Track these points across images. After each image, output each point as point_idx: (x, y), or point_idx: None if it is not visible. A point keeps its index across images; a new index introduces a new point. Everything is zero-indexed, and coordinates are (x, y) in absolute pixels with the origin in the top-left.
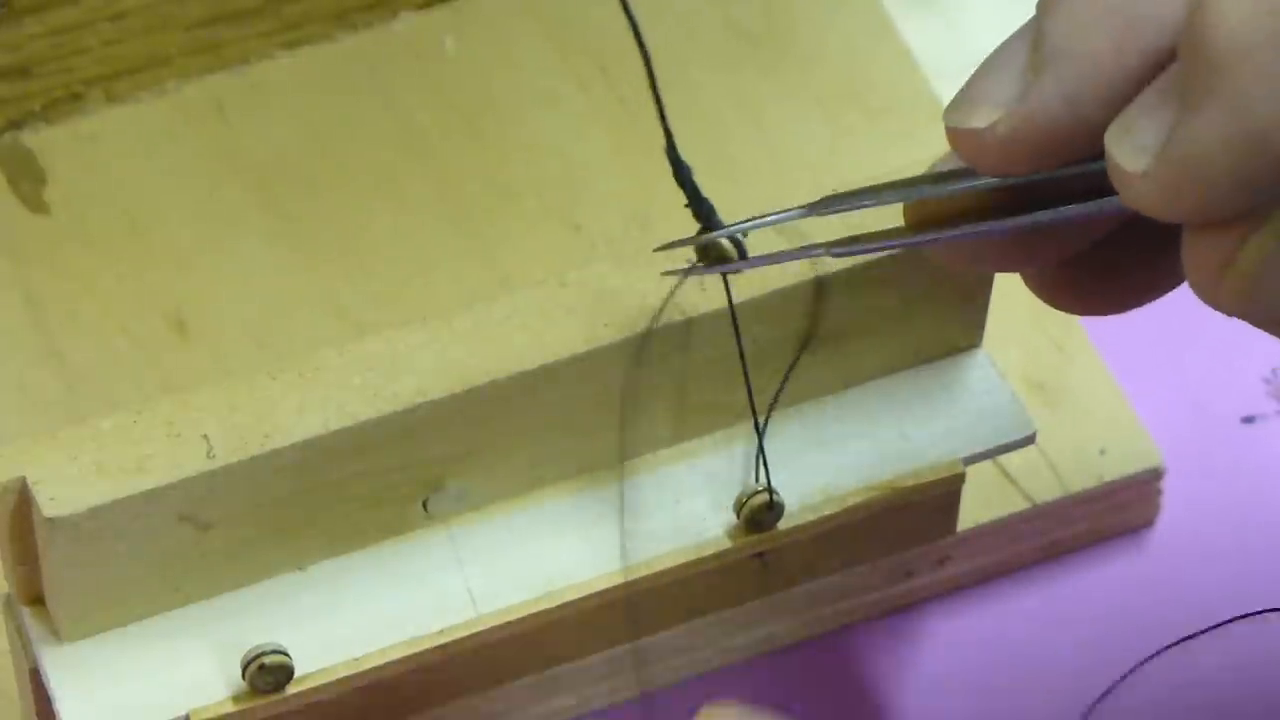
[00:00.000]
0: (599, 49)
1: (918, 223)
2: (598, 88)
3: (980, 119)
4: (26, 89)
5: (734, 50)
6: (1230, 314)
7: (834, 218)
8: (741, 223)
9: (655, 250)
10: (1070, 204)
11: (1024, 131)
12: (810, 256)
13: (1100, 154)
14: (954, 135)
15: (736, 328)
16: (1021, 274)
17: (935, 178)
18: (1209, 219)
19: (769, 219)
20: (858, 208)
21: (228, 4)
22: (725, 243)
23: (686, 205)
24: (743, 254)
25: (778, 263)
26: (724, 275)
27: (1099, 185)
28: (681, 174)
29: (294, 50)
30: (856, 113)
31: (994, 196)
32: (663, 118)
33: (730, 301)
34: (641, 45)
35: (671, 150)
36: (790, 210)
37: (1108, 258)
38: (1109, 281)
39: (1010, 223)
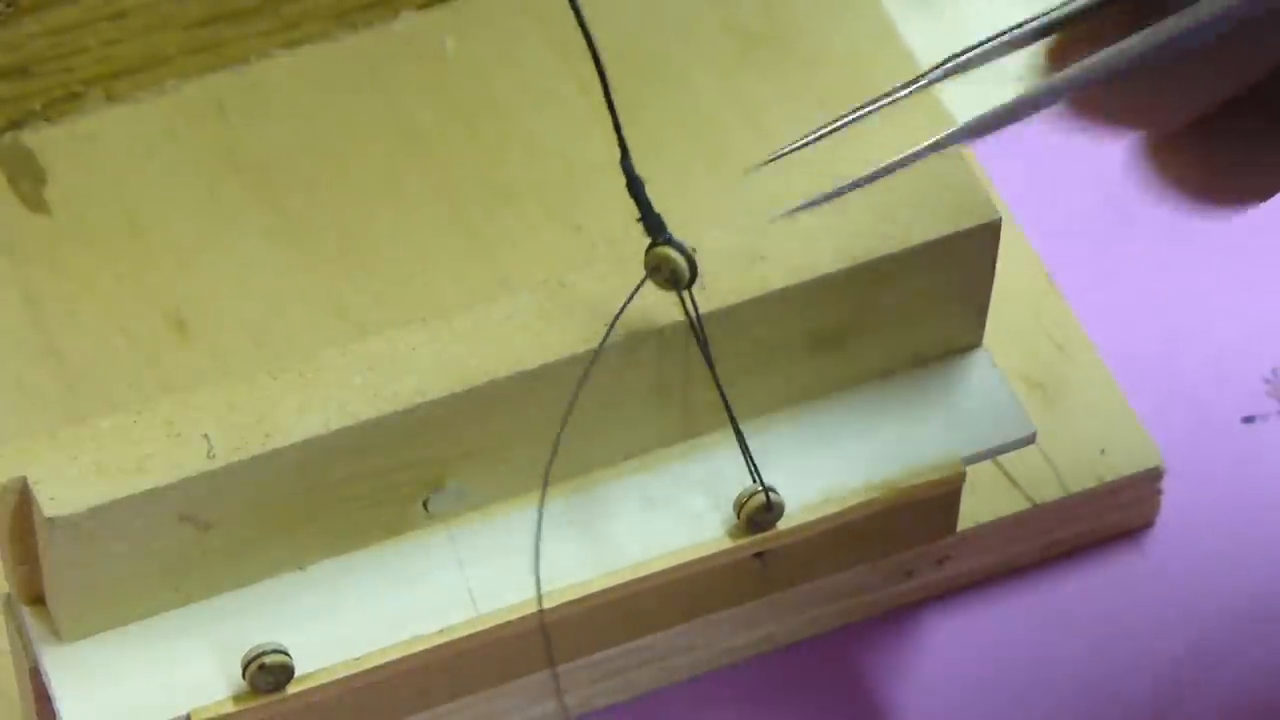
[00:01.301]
0: (599, 49)
1: (1059, 56)
2: (598, 88)
3: None
4: (26, 89)
5: (735, 52)
6: None
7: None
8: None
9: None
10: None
11: None
12: (944, 147)
13: None
14: None
15: (702, 340)
16: (1149, 149)
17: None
18: None
19: (912, 87)
20: (987, 53)
21: (228, 3)
22: (676, 258)
23: (639, 219)
24: (692, 268)
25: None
26: (679, 293)
27: None
28: (634, 187)
29: (294, 50)
30: None
31: (1123, 18)
32: (618, 129)
33: (696, 316)
34: (596, 58)
35: (625, 161)
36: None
37: (1240, 125)
38: (1239, 155)
39: (1153, 31)
